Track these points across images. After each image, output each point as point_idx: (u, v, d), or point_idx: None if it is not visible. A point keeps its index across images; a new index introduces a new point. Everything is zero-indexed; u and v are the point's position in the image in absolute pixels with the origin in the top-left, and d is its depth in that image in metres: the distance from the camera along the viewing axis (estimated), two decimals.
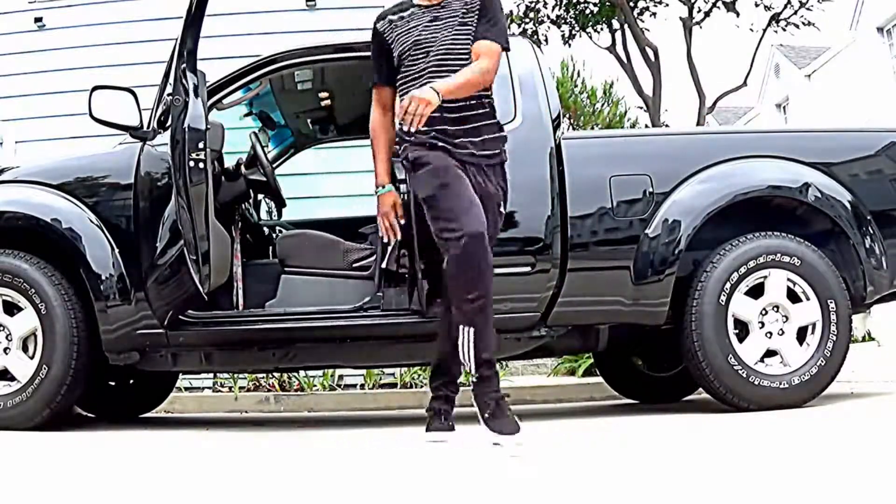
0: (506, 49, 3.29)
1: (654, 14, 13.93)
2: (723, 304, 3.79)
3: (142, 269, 3.78)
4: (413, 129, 2.96)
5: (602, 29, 14.09)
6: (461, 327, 3.00)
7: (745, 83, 14.03)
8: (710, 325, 3.77)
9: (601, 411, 4.73)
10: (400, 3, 3.37)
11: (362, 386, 6.47)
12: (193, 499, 2.10)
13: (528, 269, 3.81)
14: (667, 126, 12.11)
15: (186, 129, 3.59)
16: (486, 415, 2.95)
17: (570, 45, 14.40)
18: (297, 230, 4.58)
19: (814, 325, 3.83)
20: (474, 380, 3.01)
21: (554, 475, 2.28)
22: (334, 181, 6.61)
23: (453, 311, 3.07)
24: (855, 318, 4.48)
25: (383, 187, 3.31)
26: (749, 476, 2.14)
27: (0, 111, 6.79)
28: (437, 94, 2.97)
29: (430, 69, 3.19)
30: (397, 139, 3.29)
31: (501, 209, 3.27)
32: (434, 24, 3.24)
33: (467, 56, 3.20)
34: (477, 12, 3.25)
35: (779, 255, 3.84)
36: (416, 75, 3.20)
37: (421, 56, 3.21)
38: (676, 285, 3.85)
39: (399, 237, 3.32)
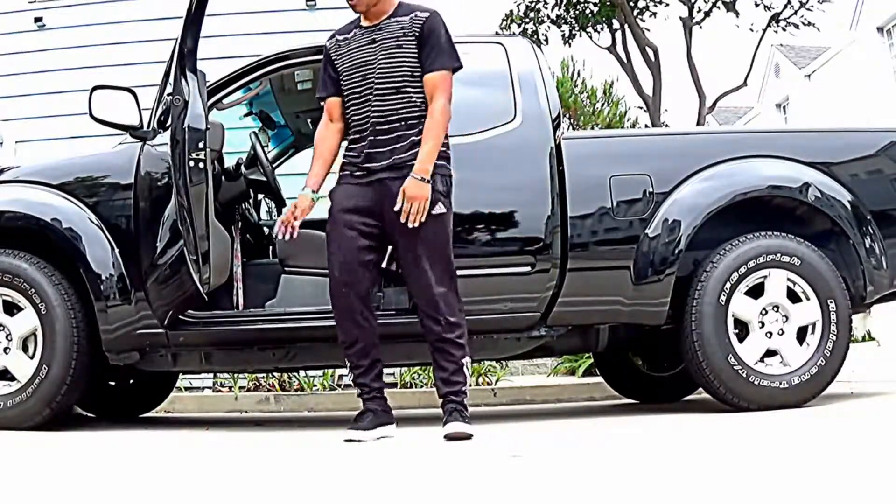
0: (456, 68, 3.31)
1: (654, 14, 13.94)
2: (723, 303, 3.79)
3: (142, 269, 3.78)
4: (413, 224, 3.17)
5: (602, 29, 14.10)
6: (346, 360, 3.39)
7: (745, 83, 14.04)
8: (710, 325, 3.77)
9: (601, 411, 4.73)
10: (349, 23, 3.49)
11: None
12: (193, 499, 2.10)
13: (528, 269, 3.81)
14: (667, 126, 12.10)
15: (186, 129, 3.59)
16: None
17: (570, 45, 14.42)
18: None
19: (814, 324, 3.83)
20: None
21: (553, 475, 2.28)
22: (334, 181, 6.58)
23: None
24: (855, 318, 4.47)
25: (313, 192, 3.45)
26: (749, 476, 2.14)
27: (0, 111, 6.79)
28: (425, 178, 3.16)
29: (371, 94, 3.29)
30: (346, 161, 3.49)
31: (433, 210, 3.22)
32: (371, 46, 3.34)
33: (404, 80, 3.28)
34: (415, 37, 3.29)
35: (779, 254, 3.84)
36: (358, 98, 3.33)
37: (358, 79, 3.34)
38: (676, 285, 3.85)
39: (295, 237, 3.41)
